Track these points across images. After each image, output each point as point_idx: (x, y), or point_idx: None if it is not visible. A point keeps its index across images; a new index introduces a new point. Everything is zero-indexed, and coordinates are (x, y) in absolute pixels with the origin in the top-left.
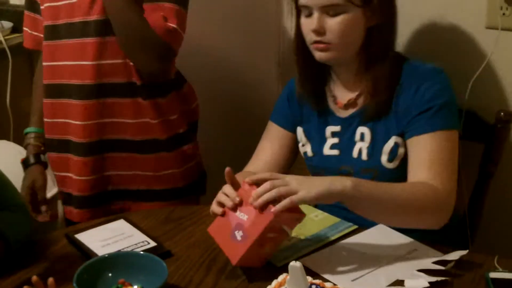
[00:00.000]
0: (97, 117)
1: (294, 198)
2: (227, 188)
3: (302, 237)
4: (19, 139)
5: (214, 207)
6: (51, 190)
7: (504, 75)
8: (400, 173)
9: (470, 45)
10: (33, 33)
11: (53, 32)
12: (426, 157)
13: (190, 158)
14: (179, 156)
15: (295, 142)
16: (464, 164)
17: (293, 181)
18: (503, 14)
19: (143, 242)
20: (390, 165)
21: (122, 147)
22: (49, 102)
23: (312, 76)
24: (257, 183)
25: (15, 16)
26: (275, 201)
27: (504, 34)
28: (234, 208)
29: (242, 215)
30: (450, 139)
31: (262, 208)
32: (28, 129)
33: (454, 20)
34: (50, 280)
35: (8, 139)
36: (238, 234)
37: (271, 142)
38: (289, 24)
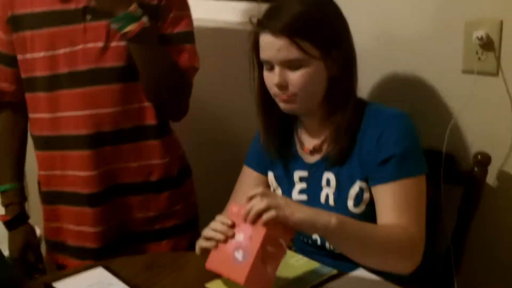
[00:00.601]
0: (103, 164)
1: (278, 212)
2: (217, 223)
3: (282, 283)
4: None
5: (204, 243)
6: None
7: (481, 119)
8: (367, 218)
9: (447, 90)
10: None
11: (52, 82)
12: (395, 206)
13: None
14: (185, 190)
15: (268, 184)
16: (444, 207)
17: (282, 200)
18: (479, 59)
19: None
20: (357, 210)
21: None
22: (48, 154)
23: (276, 125)
24: None
25: None
26: None
27: (480, 78)
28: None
29: (238, 236)
30: (417, 185)
31: (255, 221)
32: (4, 187)
33: (431, 64)
34: None
35: None
36: (239, 255)
37: (246, 186)
38: None
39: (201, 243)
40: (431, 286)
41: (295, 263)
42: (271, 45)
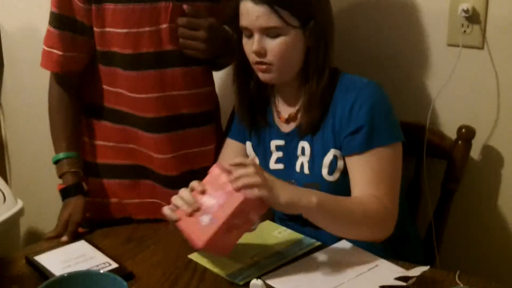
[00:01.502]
0: (180, 148)
1: (264, 193)
2: (185, 192)
3: (265, 255)
4: None
5: (168, 213)
6: None
7: (465, 92)
8: (341, 186)
9: (432, 63)
10: (70, 54)
11: (133, 61)
12: (367, 177)
13: None
14: None
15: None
16: (427, 180)
17: (271, 181)
18: (464, 31)
19: (104, 263)
20: (331, 178)
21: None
22: (118, 128)
23: (252, 94)
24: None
25: None
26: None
27: (465, 51)
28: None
29: (209, 200)
30: (389, 154)
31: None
32: (58, 156)
33: (415, 37)
34: None
35: None
36: (207, 218)
37: (227, 156)
38: None
39: (166, 212)
40: (412, 261)
41: (278, 235)
42: (251, 12)
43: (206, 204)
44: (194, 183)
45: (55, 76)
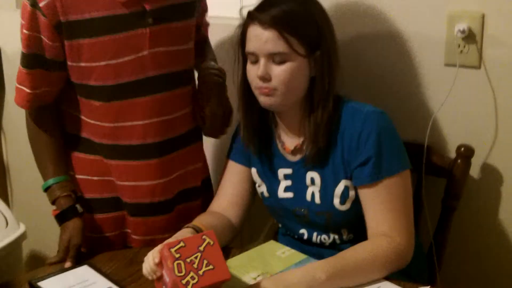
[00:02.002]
0: (169, 173)
1: None
2: (146, 263)
3: (268, 275)
4: None
5: (145, 273)
6: None
7: (463, 111)
8: (353, 214)
9: (430, 83)
10: (39, 90)
11: (114, 92)
12: (379, 209)
13: None
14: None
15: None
16: (427, 199)
17: (271, 287)
18: (461, 51)
19: None
20: (343, 207)
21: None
22: (115, 164)
23: (256, 121)
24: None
25: None
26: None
27: (462, 71)
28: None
29: (166, 276)
30: (400, 183)
31: None
32: (47, 183)
33: (413, 58)
34: None
35: None
36: None
37: (230, 179)
38: None
39: (144, 272)
40: (414, 280)
41: (282, 255)
42: (259, 37)
43: (164, 277)
44: (151, 254)
45: (28, 112)
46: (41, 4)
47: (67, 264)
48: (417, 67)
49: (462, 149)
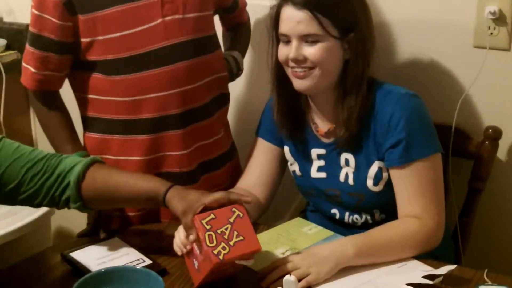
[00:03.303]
0: (194, 143)
1: (309, 279)
2: (180, 234)
3: (296, 251)
4: None
5: (176, 248)
6: None
7: (491, 93)
8: (385, 195)
9: (458, 64)
10: (43, 72)
11: (130, 64)
12: (410, 191)
13: None
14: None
15: (282, 155)
16: (453, 180)
17: (300, 262)
18: (491, 33)
19: (138, 260)
20: (376, 189)
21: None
22: (141, 139)
23: (290, 104)
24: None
25: (9, 34)
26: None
27: (492, 53)
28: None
29: (196, 249)
30: (431, 167)
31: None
32: None
33: (442, 39)
34: None
35: None
36: (196, 263)
37: (259, 158)
38: None
39: (174, 247)
40: (439, 261)
41: (309, 232)
42: (292, 18)
43: (194, 250)
44: (181, 230)
45: (34, 92)
46: None
47: (102, 235)
48: (446, 49)
49: (490, 131)
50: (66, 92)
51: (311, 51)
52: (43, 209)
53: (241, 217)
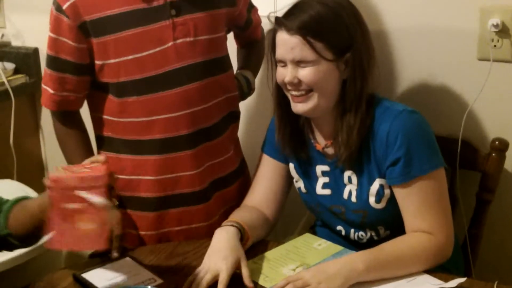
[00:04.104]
0: (205, 162)
1: None
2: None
3: (306, 267)
4: (22, 178)
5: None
6: None
7: (497, 105)
8: (388, 212)
9: (463, 77)
10: (61, 93)
11: (142, 86)
12: (415, 208)
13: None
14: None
15: (288, 171)
16: (462, 192)
17: (311, 279)
18: (494, 46)
19: (150, 279)
20: (378, 206)
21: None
22: (153, 159)
23: (291, 125)
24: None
25: (18, 57)
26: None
27: (496, 65)
28: None
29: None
30: (433, 182)
31: None
32: None
33: (446, 52)
34: None
35: (12, 178)
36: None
37: (265, 174)
38: None
39: None
40: (450, 273)
41: (318, 247)
42: (286, 43)
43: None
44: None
45: (53, 113)
46: (64, 7)
47: (114, 255)
48: (450, 62)
49: (497, 142)
50: (85, 111)
51: (305, 74)
52: None
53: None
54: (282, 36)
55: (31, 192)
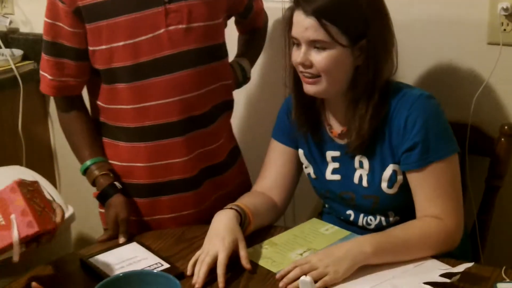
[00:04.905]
0: (195, 149)
1: (327, 279)
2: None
3: (313, 251)
4: (31, 164)
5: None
6: None
7: (506, 90)
8: (400, 198)
9: (472, 61)
10: (60, 79)
11: (135, 72)
12: (428, 193)
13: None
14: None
15: (298, 157)
16: (471, 178)
17: (318, 263)
18: (504, 30)
19: (156, 264)
20: (390, 191)
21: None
22: (144, 146)
23: (307, 103)
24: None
25: (26, 44)
26: None
27: (506, 49)
28: None
29: None
30: (448, 167)
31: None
32: (85, 165)
33: (456, 37)
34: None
35: (21, 165)
36: None
37: (275, 160)
38: None
39: None
40: (460, 257)
41: (326, 232)
42: (301, 23)
43: None
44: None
45: (55, 99)
46: None
47: (121, 239)
48: (460, 46)
49: (506, 127)
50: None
51: (317, 59)
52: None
53: None
54: (298, 16)
55: (39, 178)
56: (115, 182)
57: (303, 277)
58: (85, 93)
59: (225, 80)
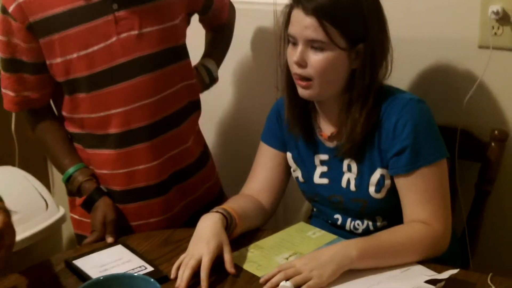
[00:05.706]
0: (163, 154)
1: (311, 284)
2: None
3: (300, 255)
4: (25, 165)
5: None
6: None
7: (497, 94)
8: (388, 202)
9: (463, 65)
10: (22, 93)
11: (91, 82)
12: (416, 198)
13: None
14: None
15: (287, 161)
16: (461, 183)
17: (302, 267)
18: (495, 33)
19: (140, 267)
20: (378, 196)
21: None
22: (108, 153)
23: (300, 106)
24: None
25: None
26: None
27: (496, 53)
28: None
29: None
30: (437, 172)
31: None
32: (67, 173)
33: (446, 40)
34: None
35: (14, 165)
36: None
37: (264, 163)
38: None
39: None
40: (447, 264)
41: (312, 236)
42: (300, 22)
43: None
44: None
45: (23, 115)
46: (9, 10)
47: (109, 240)
48: (450, 50)
49: (496, 132)
50: None
51: (314, 59)
52: (54, 217)
53: None
54: (298, 15)
55: (32, 179)
56: (100, 186)
57: (283, 283)
58: None
59: (188, 80)
